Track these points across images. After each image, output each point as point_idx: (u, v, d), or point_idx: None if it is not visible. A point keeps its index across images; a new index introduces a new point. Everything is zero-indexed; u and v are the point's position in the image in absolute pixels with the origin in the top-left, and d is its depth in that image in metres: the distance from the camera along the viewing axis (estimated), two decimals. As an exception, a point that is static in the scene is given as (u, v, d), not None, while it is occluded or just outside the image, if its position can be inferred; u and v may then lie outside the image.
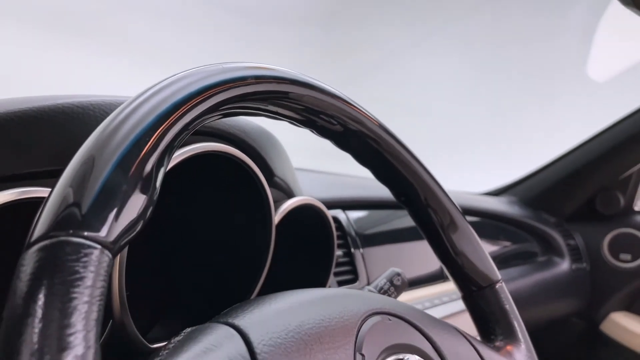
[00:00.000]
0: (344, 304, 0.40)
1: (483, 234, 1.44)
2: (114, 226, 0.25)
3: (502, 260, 1.50)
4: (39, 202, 0.40)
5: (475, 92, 2.66)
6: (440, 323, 0.48)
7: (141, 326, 0.47)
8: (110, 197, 0.26)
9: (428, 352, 0.42)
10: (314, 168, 1.15)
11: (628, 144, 1.63)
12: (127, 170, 0.27)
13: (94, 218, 0.25)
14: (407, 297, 0.92)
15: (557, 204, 1.76)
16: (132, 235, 0.27)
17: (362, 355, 0.36)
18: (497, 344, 0.53)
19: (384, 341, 0.39)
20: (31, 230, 0.25)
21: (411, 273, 0.99)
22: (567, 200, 1.76)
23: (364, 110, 0.45)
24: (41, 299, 0.22)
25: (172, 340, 0.32)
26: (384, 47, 2.48)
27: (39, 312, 0.22)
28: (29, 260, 0.24)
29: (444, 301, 0.95)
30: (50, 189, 0.27)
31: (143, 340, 0.47)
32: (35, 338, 0.21)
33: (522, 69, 2.65)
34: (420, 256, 1.01)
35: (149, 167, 0.28)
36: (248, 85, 0.35)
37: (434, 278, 1.03)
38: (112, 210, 0.25)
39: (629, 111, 1.62)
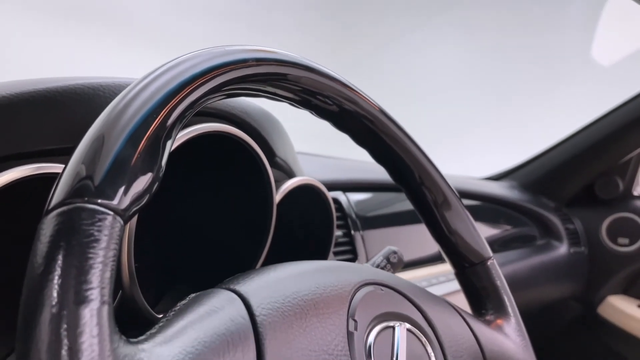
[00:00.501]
0: (338, 274, 0.42)
1: (483, 218, 1.47)
2: (124, 195, 0.27)
3: (501, 244, 1.52)
4: (52, 177, 0.42)
5: (478, 77, 2.67)
6: (432, 296, 0.50)
7: (150, 299, 0.50)
8: (121, 170, 0.28)
9: (419, 321, 0.44)
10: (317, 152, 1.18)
11: (627, 129, 1.65)
12: (136, 146, 0.29)
13: (107, 188, 0.27)
14: (406, 276, 0.95)
15: (556, 188, 1.78)
16: (141, 204, 0.29)
17: (355, 321, 0.38)
18: (488, 317, 0.55)
19: (375, 309, 0.41)
20: (49, 198, 0.27)
21: (410, 254, 1.01)
22: (566, 185, 1.78)
23: (358, 91, 0.47)
24: (60, 258, 0.25)
25: (178, 304, 0.34)
26: (386, 32, 2.48)
27: (58, 270, 0.24)
28: (48, 224, 0.26)
29: (440, 281, 0.97)
30: (63, 165, 0.30)
31: (151, 310, 0.49)
32: (54, 293, 0.24)
33: (525, 54, 2.65)
34: (419, 238, 1.03)
35: (156, 143, 0.30)
36: (249, 67, 0.37)
37: (432, 259, 1.05)
38: (122, 181, 0.28)
39: (628, 96, 1.63)
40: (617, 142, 1.69)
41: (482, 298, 0.57)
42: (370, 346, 0.38)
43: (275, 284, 0.37)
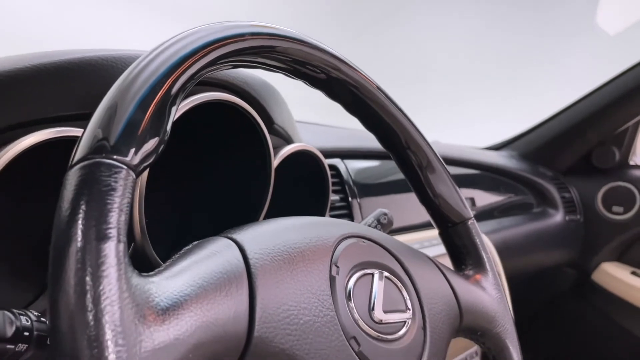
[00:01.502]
0: (325, 227, 0.47)
1: (482, 186, 1.51)
2: (135, 154, 0.33)
3: (499, 211, 1.57)
4: (71, 139, 0.48)
5: (481, 46, 2.67)
6: (413, 250, 0.55)
7: (160, 253, 0.56)
8: (133, 132, 0.33)
9: (397, 270, 0.49)
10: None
11: (624, 99, 1.68)
12: (145, 112, 0.34)
13: (121, 146, 0.32)
14: (402, 239, 1.00)
15: (554, 158, 1.82)
16: (150, 161, 0.34)
17: (337, 267, 0.44)
18: (467, 272, 0.60)
19: (357, 258, 0.46)
20: (72, 154, 0.32)
21: (406, 220, 1.06)
22: (564, 154, 1.82)
23: (345, 60, 0.50)
24: (83, 203, 0.30)
25: (184, 249, 0.40)
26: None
27: (82, 212, 0.29)
28: (73, 176, 0.31)
29: (433, 243, 1.02)
30: (82, 129, 0.35)
31: (159, 261, 0.55)
32: (79, 231, 0.29)
33: (529, 23, 2.65)
34: (414, 205, 1.08)
35: (162, 109, 0.35)
36: (240, 42, 0.41)
37: (425, 225, 1.10)
38: (134, 141, 0.33)
39: (626, 67, 1.66)
40: (614, 112, 1.71)
41: (462, 255, 0.61)
42: (350, 290, 0.44)
43: (267, 234, 0.42)
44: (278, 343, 0.36)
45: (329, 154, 0.96)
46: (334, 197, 0.91)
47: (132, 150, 0.32)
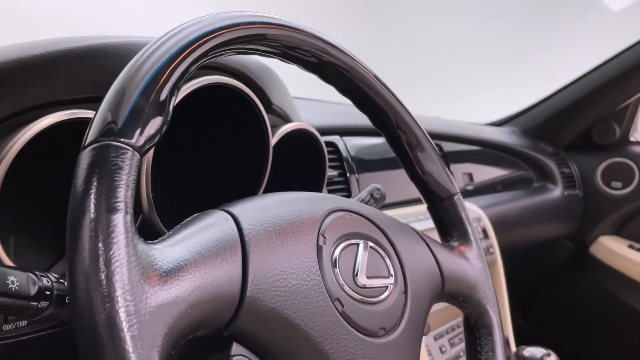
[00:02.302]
0: (315, 202, 0.52)
1: (481, 162, 1.55)
2: (140, 136, 0.37)
3: (499, 186, 1.61)
4: (84, 121, 0.52)
5: (486, 23, 2.67)
6: (398, 223, 0.60)
7: (168, 225, 0.60)
8: (137, 116, 0.37)
9: (381, 241, 0.53)
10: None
11: (625, 76, 1.70)
12: (148, 98, 0.38)
13: (127, 130, 0.36)
14: (397, 212, 1.05)
15: (555, 134, 1.85)
16: (153, 142, 0.38)
17: (324, 237, 0.48)
18: (452, 243, 0.64)
19: (343, 229, 0.50)
20: (85, 137, 0.37)
21: (402, 195, 1.10)
22: (565, 130, 1.85)
23: (334, 43, 0.54)
24: (95, 180, 0.34)
25: (185, 220, 0.44)
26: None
27: (94, 188, 0.34)
28: (85, 156, 0.36)
29: (427, 217, 1.07)
30: (93, 112, 0.39)
31: (166, 231, 0.60)
32: (92, 204, 0.34)
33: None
34: (409, 181, 1.12)
35: (164, 94, 0.39)
36: (231, 32, 0.45)
37: (420, 200, 1.15)
38: (138, 125, 0.37)
39: (628, 44, 1.67)
40: (615, 89, 1.74)
41: (448, 228, 0.66)
42: (336, 258, 0.48)
43: (261, 207, 0.47)
44: (268, 303, 0.41)
45: (328, 131, 1.00)
46: (332, 173, 0.96)
47: (137, 133, 0.37)
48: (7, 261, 0.50)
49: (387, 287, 0.51)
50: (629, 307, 1.77)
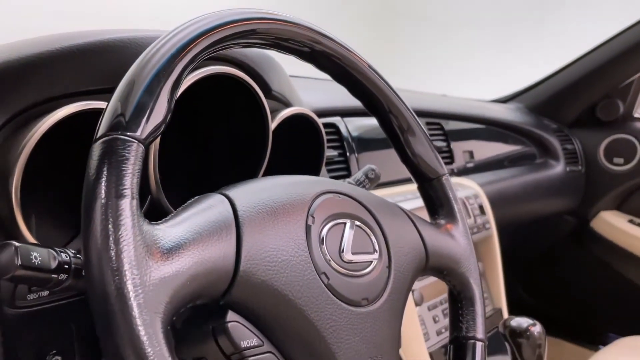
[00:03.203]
0: (306, 184, 0.56)
1: (483, 140, 1.58)
2: (145, 129, 0.42)
3: (501, 163, 1.65)
4: (96, 111, 0.57)
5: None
6: (385, 203, 0.64)
7: (175, 205, 0.66)
8: (142, 111, 0.42)
9: (367, 220, 0.58)
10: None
11: (630, 53, 1.71)
12: (152, 94, 0.43)
13: (133, 124, 0.42)
14: (394, 191, 1.10)
15: (560, 110, 1.88)
16: (157, 134, 0.43)
17: (313, 217, 0.53)
18: (439, 221, 0.69)
19: (331, 210, 0.55)
20: (96, 130, 0.42)
21: (401, 174, 1.15)
22: (570, 107, 1.87)
23: (324, 32, 0.58)
24: (105, 169, 0.40)
25: (186, 203, 0.50)
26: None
27: (104, 177, 0.39)
28: (97, 148, 0.41)
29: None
30: (105, 103, 0.44)
31: (172, 209, 0.65)
32: (103, 190, 0.39)
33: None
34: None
35: (165, 90, 0.44)
36: (223, 31, 0.48)
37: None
38: (143, 119, 0.42)
39: (632, 21, 1.68)
40: (620, 66, 1.75)
41: (436, 207, 0.70)
42: (323, 236, 0.53)
43: (255, 191, 0.52)
44: (259, 276, 0.47)
45: (329, 112, 1.05)
46: (332, 153, 1.01)
47: (141, 127, 0.42)
48: (30, 238, 0.56)
49: (371, 262, 0.56)
50: (628, 280, 1.81)
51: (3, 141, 0.56)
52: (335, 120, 1.06)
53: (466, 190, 1.29)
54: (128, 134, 0.41)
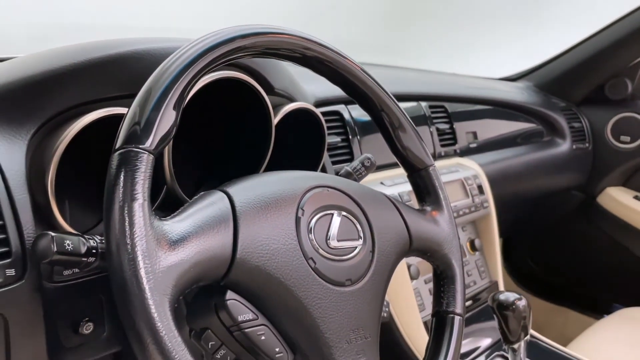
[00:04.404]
0: (297, 180, 0.64)
1: (489, 120, 1.63)
2: (153, 140, 0.50)
3: (510, 141, 1.70)
4: (118, 116, 0.66)
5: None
6: (372, 192, 0.71)
7: (189, 194, 0.74)
8: (151, 125, 0.50)
9: (354, 210, 0.65)
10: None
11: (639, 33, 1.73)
12: (159, 110, 0.51)
13: (144, 137, 0.50)
14: (391, 173, 1.17)
15: (569, 89, 1.91)
16: (165, 143, 0.51)
17: (303, 210, 0.61)
18: (425, 208, 0.76)
19: (320, 203, 0.62)
20: (115, 141, 0.51)
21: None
22: (579, 85, 1.90)
23: (312, 39, 0.64)
24: (121, 177, 0.48)
25: (192, 199, 0.58)
26: None
27: (121, 183, 0.48)
28: (115, 159, 0.50)
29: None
30: (125, 109, 0.53)
31: (185, 197, 0.74)
32: (120, 194, 0.48)
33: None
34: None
35: (171, 106, 0.52)
36: (231, 43, 0.56)
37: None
38: (152, 132, 0.50)
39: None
40: (629, 45, 1.77)
41: (423, 195, 0.77)
42: (312, 226, 0.60)
43: (252, 187, 0.60)
44: (254, 262, 0.55)
45: (334, 100, 1.12)
46: (336, 139, 1.08)
47: (151, 138, 0.50)
48: (63, 222, 0.65)
49: (355, 247, 0.63)
50: (632, 254, 1.87)
51: (39, 142, 0.66)
52: (339, 107, 1.13)
53: (466, 170, 1.35)
54: (140, 146, 0.50)
